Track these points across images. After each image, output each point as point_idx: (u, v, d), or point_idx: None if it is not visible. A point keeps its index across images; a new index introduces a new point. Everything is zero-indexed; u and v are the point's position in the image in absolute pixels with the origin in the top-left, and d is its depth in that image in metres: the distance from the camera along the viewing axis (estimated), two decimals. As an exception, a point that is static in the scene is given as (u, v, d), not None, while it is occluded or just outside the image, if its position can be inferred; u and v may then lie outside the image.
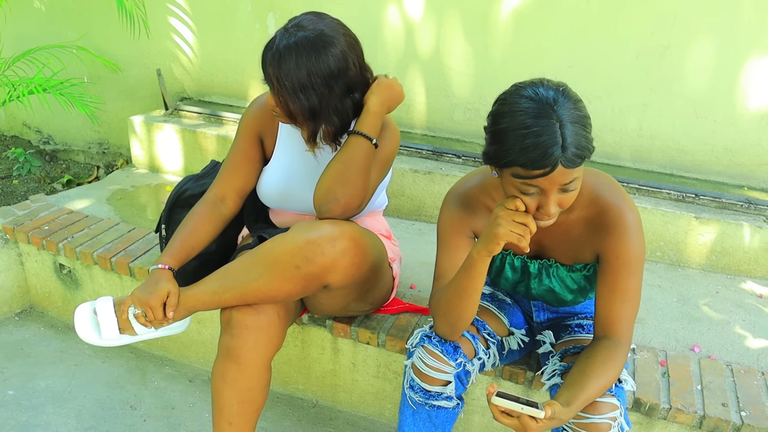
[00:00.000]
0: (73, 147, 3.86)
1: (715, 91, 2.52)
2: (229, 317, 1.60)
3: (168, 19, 3.28)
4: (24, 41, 3.47)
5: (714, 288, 2.36)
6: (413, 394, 1.52)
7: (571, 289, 1.54)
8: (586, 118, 1.21)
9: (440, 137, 3.01)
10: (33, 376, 2.28)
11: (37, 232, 2.46)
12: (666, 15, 2.47)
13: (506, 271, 1.58)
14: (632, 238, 1.36)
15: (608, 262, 1.38)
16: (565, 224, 1.44)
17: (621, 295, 1.38)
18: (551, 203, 1.23)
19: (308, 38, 1.52)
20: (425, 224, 2.78)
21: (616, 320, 1.39)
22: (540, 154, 1.15)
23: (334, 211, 1.61)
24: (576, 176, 1.21)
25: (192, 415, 2.14)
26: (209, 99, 3.43)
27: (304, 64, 1.51)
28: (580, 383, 1.33)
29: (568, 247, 1.47)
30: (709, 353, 1.95)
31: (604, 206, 1.38)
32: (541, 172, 1.17)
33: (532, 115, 1.17)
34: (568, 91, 1.21)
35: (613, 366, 1.36)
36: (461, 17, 2.77)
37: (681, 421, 1.69)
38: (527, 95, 1.20)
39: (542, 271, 1.54)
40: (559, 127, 1.15)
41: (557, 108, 1.17)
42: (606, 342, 1.39)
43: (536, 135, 1.16)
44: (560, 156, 1.15)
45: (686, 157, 2.66)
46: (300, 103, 1.55)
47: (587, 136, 1.19)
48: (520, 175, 1.20)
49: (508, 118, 1.20)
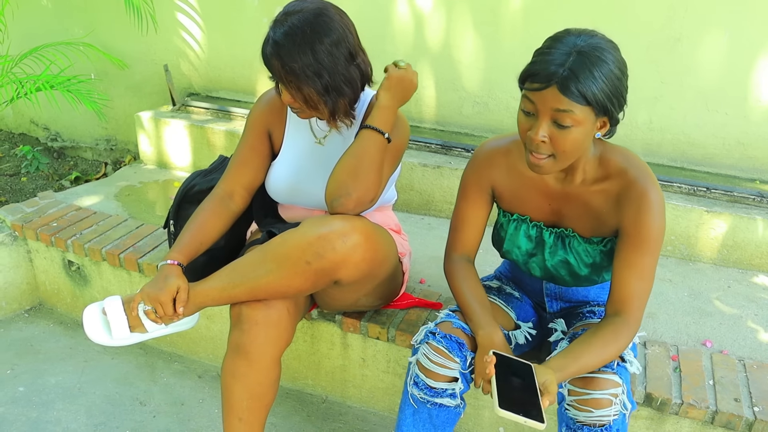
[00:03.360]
0: (80, 144, 3.87)
1: (727, 83, 2.49)
2: (238, 313, 1.59)
3: (175, 15, 3.28)
4: (31, 38, 3.48)
5: (726, 282, 2.34)
6: (417, 392, 1.51)
7: (586, 263, 1.53)
8: (611, 71, 1.26)
9: (449, 131, 2.99)
10: (43, 372, 2.28)
11: (45, 229, 2.47)
12: (677, 7, 2.44)
13: (520, 239, 1.58)
14: (655, 216, 1.37)
15: (629, 236, 1.39)
16: (587, 194, 1.45)
17: (638, 273, 1.39)
18: (540, 128, 1.29)
19: (300, 19, 1.54)
20: (434, 219, 2.77)
21: (628, 297, 1.39)
22: (541, 69, 1.25)
23: (346, 206, 1.60)
24: (572, 111, 1.25)
25: (201, 411, 2.14)
26: (217, 94, 3.42)
27: (304, 44, 1.53)
28: (577, 352, 1.35)
29: (588, 218, 1.48)
30: (721, 348, 1.93)
31: (630, 180, 1.39)
32: (537, 85, 1.26)
33: (555, 38, 1.29)
34: (603, 42, 1.27)
35: (615, 342, 1.36)
36: (471, 10, 2.75)
37: (693, 416, 1.68)
38: (571, 30, 1.30)
39: (557, 242, 1.54)
40: (569, 55, 1.24)
41: (579, 42, 1.25)
42: (615, 319, 1.40)
43: (547, 53, 1.26)
44: (557, 76, 1.23)
45: (697, 150, 2.63)
46: (312, 83, 1.56)
47: (598, 82, 1.24)
48: (523, 87, 1.31)
49: (546, 41, 1.32)
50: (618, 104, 1.30)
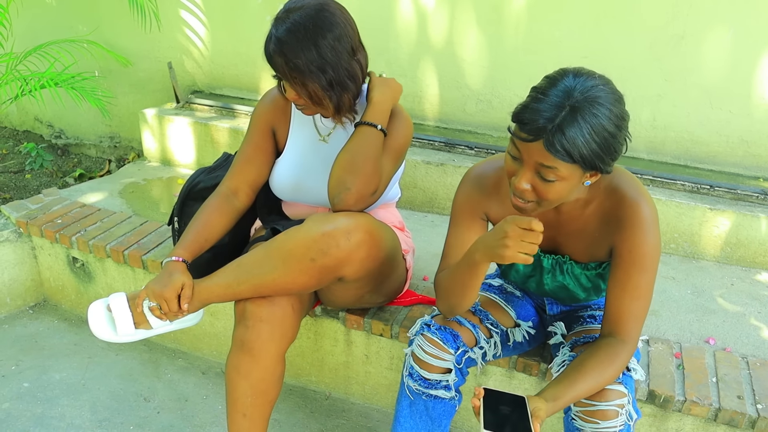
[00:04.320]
0: (84, 141, 3.87)
1: (731, 81, 2.49)
2: (243, 309, 1.60)
3: (179, 12, 3.28)
4: (35, 36, 3.48)
5: (729, 280, 2.34)
6: (412, 383, 1.52)
7: (585, 287, 1.53)
8: (603, 129, 1.16)
9: (452, 129, 3.00)
10: (47, 368, 2.29)
11: (50, 226, 2.48)
12: (681, 4, 2.44)
13: (517, 264, 1.57)
14: (647, 233, 1.32)
15: (621, 256, 1.35)
16: (581, 220, 1.42)
17: (631, 292, 1.35)
18: (522, 177, 1.23)
19: (302, 15, 1.55)
20: (438, 216, 2.77)
21: (623, 317, 1.36)
22: (530, 118, 1.17)
23: (347, 201, 1.60)
24: (556, 168, 1.18)
25: (205, 407, 2.14)
26: (220, 92, 3.43)
27: (307, 40, 1.54)
28: (571, 380, 1.31)
29: (584, 244, 1.45)
30: (724, 345, 1.94)
31: (620, 199, 1.35)
32: (524, 135, 1.18)
33: (551, 81, 1.20)
34: (602, 92, 1.18)
35: (611, 365, 1.33)
36: (474, 7, 2.75)
37: (696, 413, 1.68)
38: (570, 71, 1.21)
39: (556, 267, 1.53)
40: (561, 109, 1.15)
41: (576, 90, 1.16)
42: (610, 340, 1.37)
43: (540, 100, 1.17)
44: (545, 132, 1.15)
45: (701, 148, 2.63)
46: (317, 78, 1.57)
47: (588, 140, 1.15)
48: (511, 130, 1.22)
49: (542, 80, 1.23)
50: (609, 159, 1.21)
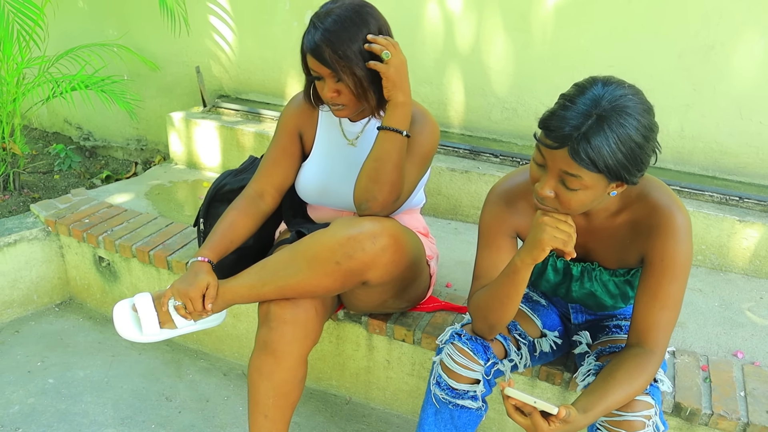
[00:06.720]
0: (112, 143, 3.93)
1: (762, 91, 2.45)
2: (267, 311, 1.61)
3: (207, 18, 3.32)
4: (67, 39, 3.54)
5: (758, 293, 2.30)
6: (439, 392, 1.51)
7: (612, 294, 1.51)
8: (630, 139, 1.15)
9: (477, 136, 2.99)
10: (72, 365, 2.32)
11: (77, 225, 2.51)
12: (711, 13, 2.42)
13: (548, 273, 1.56)
14: (680, 242, 1.30)
15: (652, 264, 1.34)
16: (612, 227, 1.41)
17: (661, 301, 1.33)
18: (546, 184, 1.23)
19: (345, 9, 1.55)
20: (461, 223, 2.77)
21: (652, 327, 1.34)
22: (556, 125, 1.16)
23: (373, 209, 1.61)
24: (580, 176, 1.17)
25: (226, 408, 2.15)
26: (247, 97, 3.46)
27: (354, 29, 1.54)
28: (602, 390, 1.29)
29: (614, 251, 1.44)
30: (752, 359, 1.90)
31: (653, 206, 1.33)
32: (549, 142, 1.18)
33: (579, 88, 1.19)
34: (631, 101, 1.16)
35: (640, 376, 1.31)
36: (501, 15, 2.74)
37: (723, 427, 1.65)
38: (600, 80, 1.20)
39: (584, 274, 1.51)
40: (588, 117, 1.15)
41: (604, 99, 1.15)
42: (638, 350, 1.35)
43: (567, 108, 1.17)
44: (570, 140, 1.15)
45: (730, 159, 2.60)
46: (365, 67, 1.56)
47: (615, 150, 1.14)
48: (537, 136, 1.22)
49: (571, 88, 1.22)
50: (636, 170, 1.19)
